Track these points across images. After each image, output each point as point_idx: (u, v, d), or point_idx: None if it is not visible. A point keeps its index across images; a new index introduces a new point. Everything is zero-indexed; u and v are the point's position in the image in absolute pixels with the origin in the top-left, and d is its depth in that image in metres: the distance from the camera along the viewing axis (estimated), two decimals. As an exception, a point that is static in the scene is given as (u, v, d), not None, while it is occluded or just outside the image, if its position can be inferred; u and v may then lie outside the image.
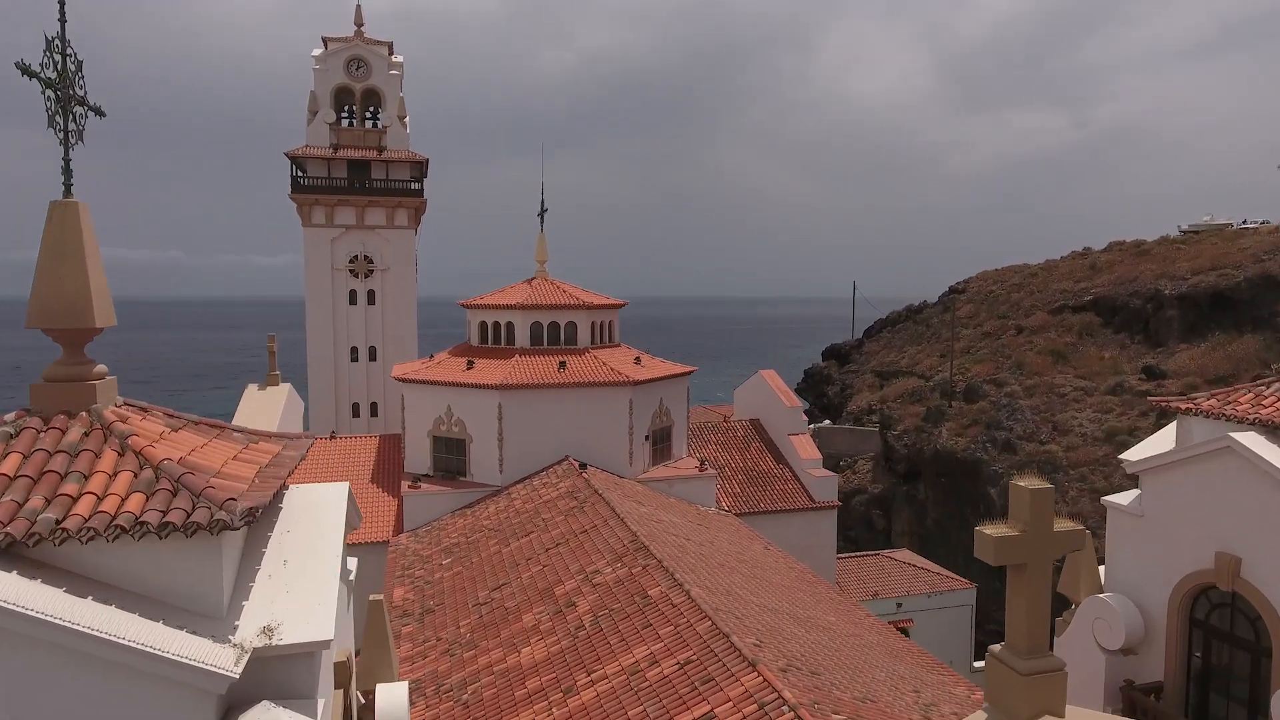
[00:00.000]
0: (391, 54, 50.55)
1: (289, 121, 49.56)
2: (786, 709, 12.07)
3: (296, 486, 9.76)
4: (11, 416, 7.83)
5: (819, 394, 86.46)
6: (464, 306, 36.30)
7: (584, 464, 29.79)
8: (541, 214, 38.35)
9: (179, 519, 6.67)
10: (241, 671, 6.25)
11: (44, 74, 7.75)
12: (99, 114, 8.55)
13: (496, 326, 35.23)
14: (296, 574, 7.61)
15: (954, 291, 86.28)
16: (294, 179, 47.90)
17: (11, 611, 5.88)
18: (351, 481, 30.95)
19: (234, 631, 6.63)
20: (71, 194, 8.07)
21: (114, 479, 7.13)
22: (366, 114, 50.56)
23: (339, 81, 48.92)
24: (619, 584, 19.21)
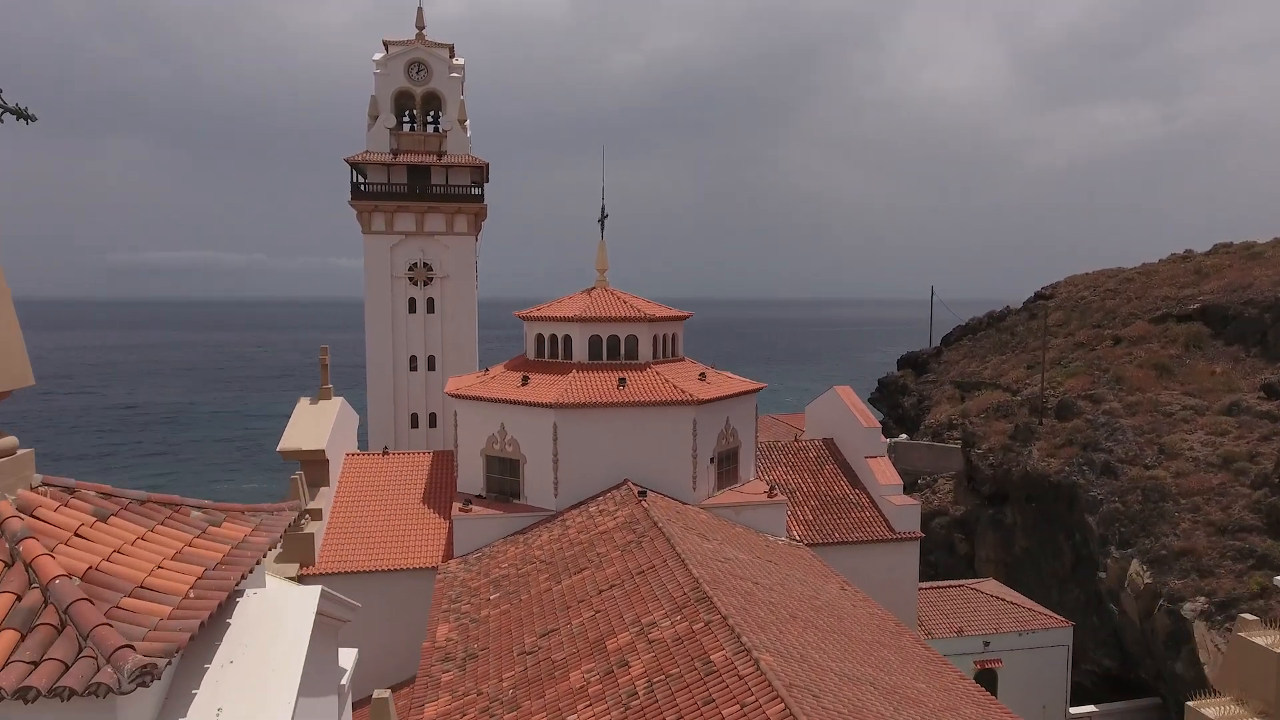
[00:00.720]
0: (453, 56, 49.42)
1: (357, 127, 48.94)
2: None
3: (254, 593, 7.81)
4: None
5: (894, 405, 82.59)
6: (521, 318, 34.62)
7: (644, 490, 27.66)
8: (602, 220, 36.45)
9: (44, 680, 4.77)
10: None
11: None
12: (22, 117, 6.77)
13: (553, 339, 33.42)
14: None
15: (1041, 297, 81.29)
16: (354, 185, 47.16)
17: None
18: (402, 501, 29.47)
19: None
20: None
21: (-16, 606, 5.29)
22: (427, 118, 49.54)
23: (399, 85, 47.99)
24: (678, 642, 17.01)
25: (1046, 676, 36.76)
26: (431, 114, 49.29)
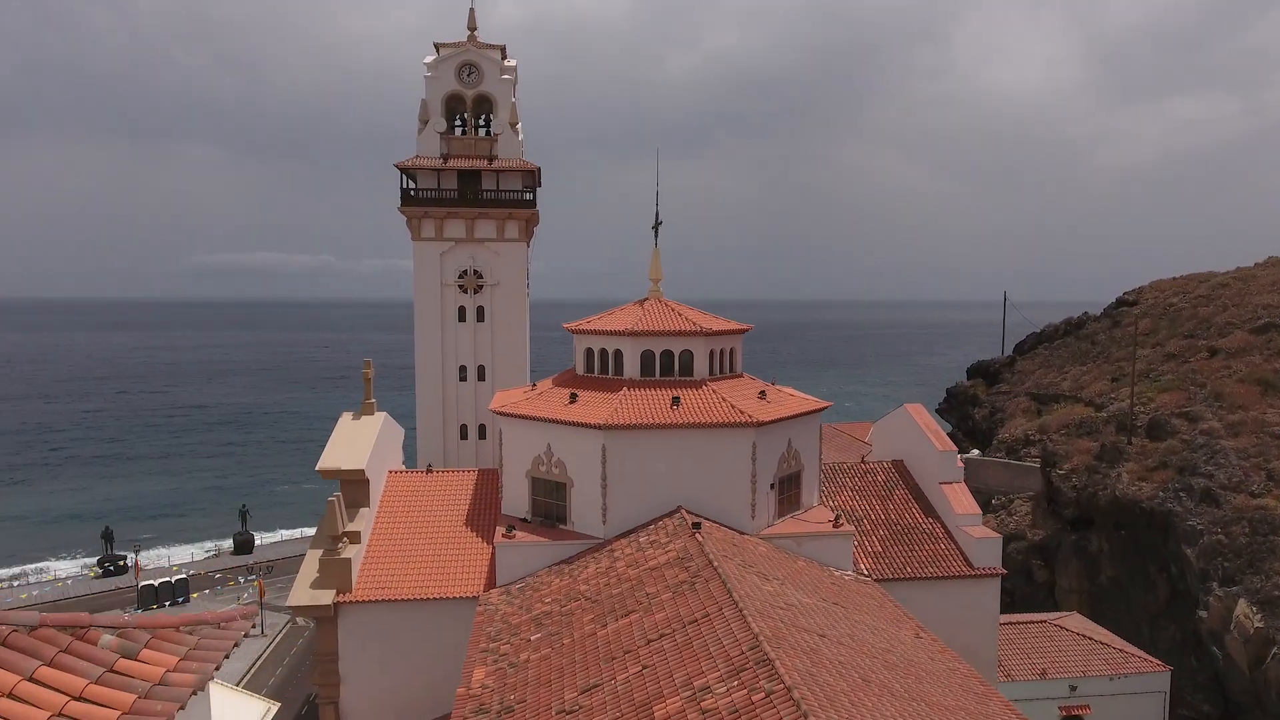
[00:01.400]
0: (504, 58, 48.07)
1: (412, 133, 48.01)
2: None
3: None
4: None
5: (963, 416, 78.75)
6: (570, 331, 32.85)
7: (698, 522, 25.53)
8: (656, 226, 34.46)
9: None
10: None
11: None
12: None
13: (604, 354, 31.55)
14: None
15: (1123, 303, 76.54)
16: (404, 191, 46.14)
17: None
18: (444, 522, 27.86)
19: None
20: None
21: None
22: (478, 122, 48.28)
23: (450, 88, 46.82)
24: (734, 715, 14.90)
25: (1141, 726, 33.56)
26: (483, 117, 48.02)
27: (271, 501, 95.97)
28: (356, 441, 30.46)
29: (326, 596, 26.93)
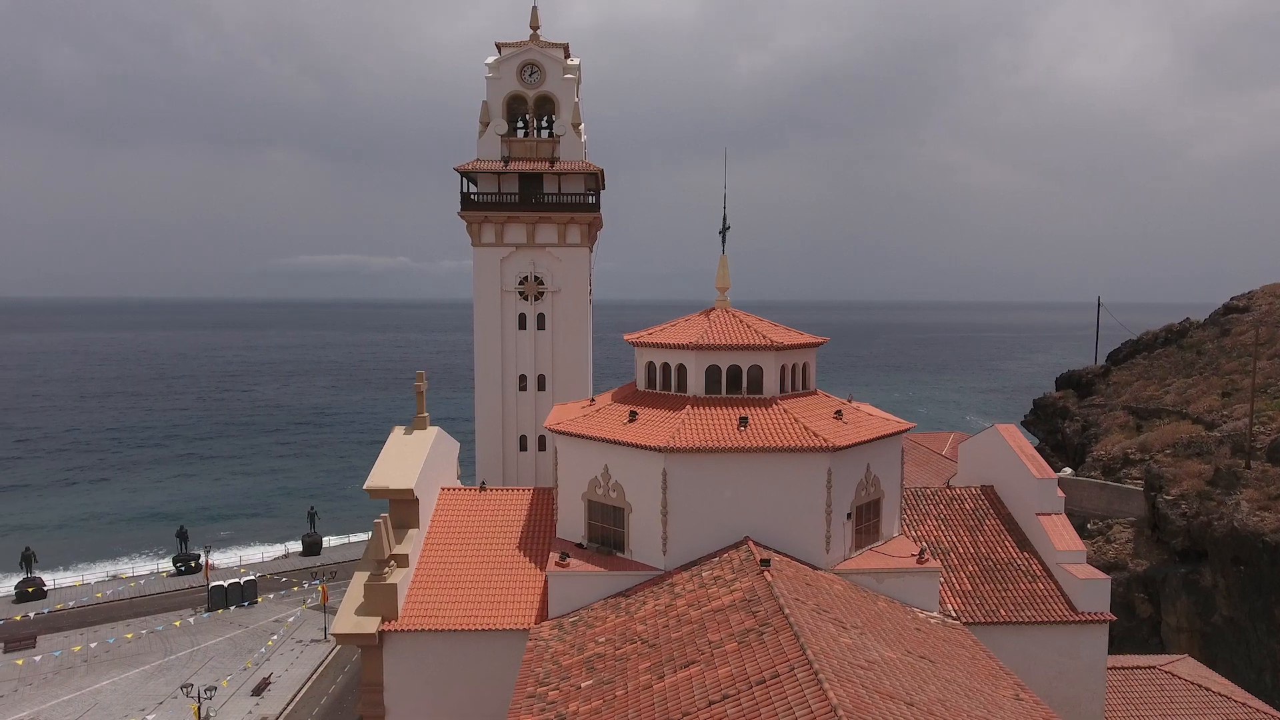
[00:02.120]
0: (567, 57, 46.44)
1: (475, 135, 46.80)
2: None
3: None
4: None
5: (1051, 430, 73.90)
6: (631, 343, 30.87)
7: (766, 559, 23.18)
8: (723, 232, 32.22)
9: None
10: None
11: None
12: None
13: (666, 369, 29.46)
14: None
15: (1232, 310, 70.60)
16: (464, 195, 44.93)
17: None
18: (496, 545, 25.92)
19: None
20: None
21: None
22: (540, 123, 46.77)
23: (512, 89, 45.43)
24: (810, 814, 12.61)
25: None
26: (545, 119, 46.49)
27: (341, 504, 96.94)
28: (406, 459, 29.09)
29: (371, 624, 25.56)
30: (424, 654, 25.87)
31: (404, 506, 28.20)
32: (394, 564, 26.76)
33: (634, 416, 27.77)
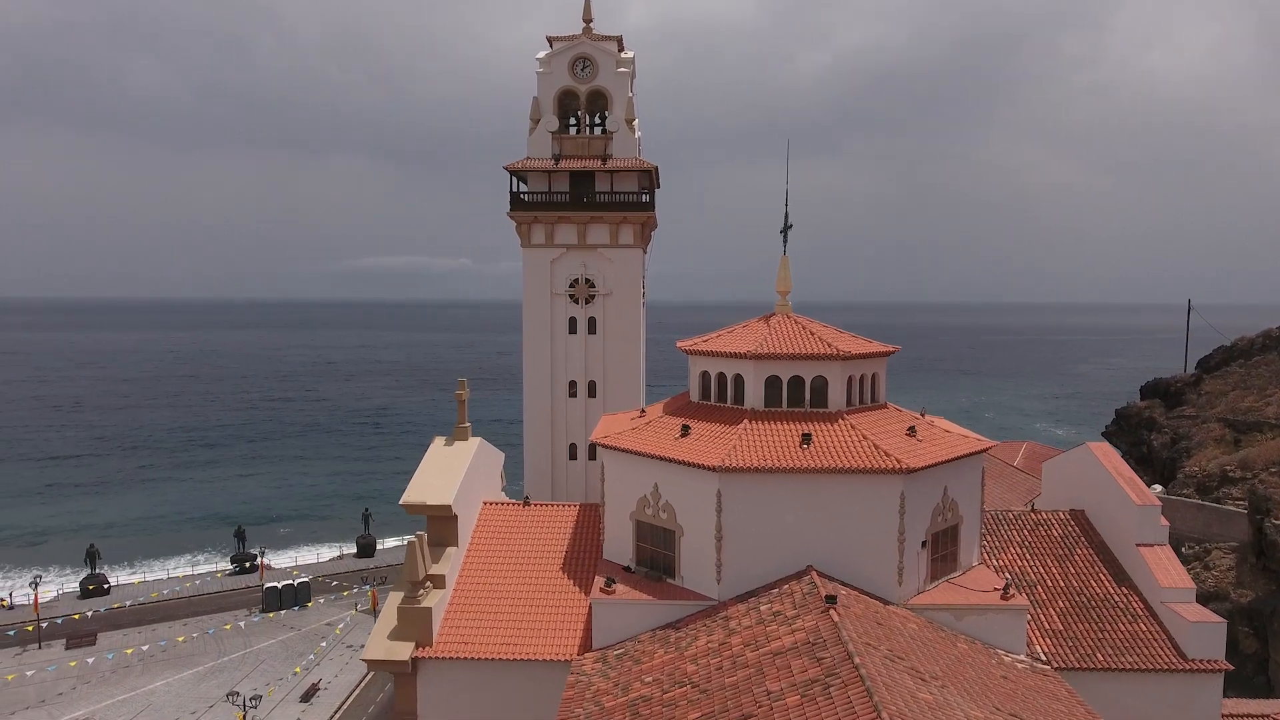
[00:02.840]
0: (621, 50, 44.55)
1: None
2: None
3: None
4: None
5: (1136, 441, 69.17)
6: (684, 351, 28.75)
7: (832, 595, 20.81)
8: (785, 231, 29.87)
9: None
10: None
11: None
12: None
13: (722, 379, 27.26)
14: None
15: (1341, 314, 64.91)
16: (513, 195, 43.40)
17: None
18: (539, 565, 23.89)
19: None
20: None
21: None
22: (594, 120, 44.98)
23: (563, 84, 43.73)
24: None
25: None
26: (597, 114, 44.69)
27: (396, 506, 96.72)
28: (446, 472, 27.55)
29: (404, 650, 24.02)
30: (460, 683, 24.25)
31: (442, 523, 26.67)
32: (429, 585, 25.20)
33: (686, 431, 25.67)
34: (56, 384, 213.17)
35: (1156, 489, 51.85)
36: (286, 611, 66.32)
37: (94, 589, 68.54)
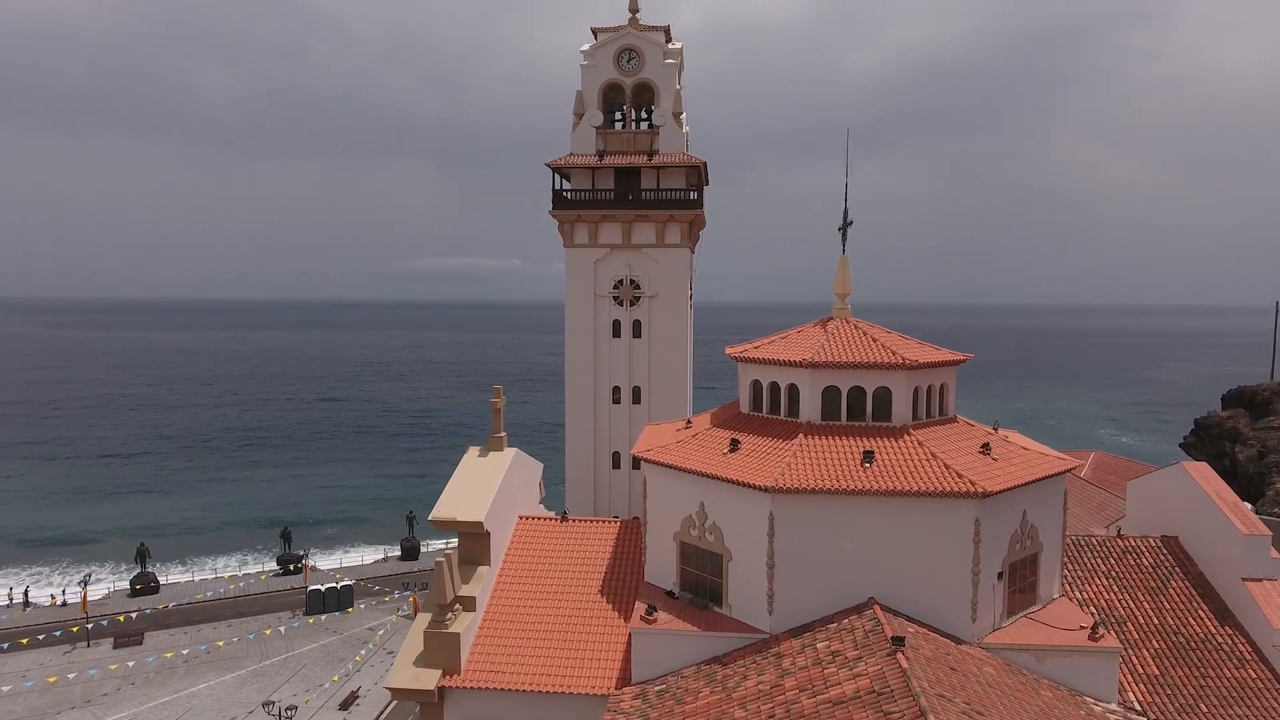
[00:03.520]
0: (669, 40, 42.59)
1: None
2: None
3: None
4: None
5: (1216, 454, 64.84)
6: (734, 359, 26.68)
7: (900, 636, 18.53)
8: (844, 228, 27.58)
9: None
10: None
11: None
12: None
13: (775, 389, 25.12)
14: None
15: None
16: (555, 193, 41.75)
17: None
18: (576, 587, 20.80)
19: None
20: None
21: None
22: (640, 115, 43.11)
23: (608, 77, 41.94)
24: None
25: None
26: (644, 109, 42.80)
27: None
28: (478, 486, 25.90)
29: (430, 679, 22.41)
30: (490, 715, 22.53)
31: (473, 540, 25.05)
32: (459, 608, 23.57)
33: (735, 446, 23.60)
34: (121, 383, 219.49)
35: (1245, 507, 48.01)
36: (329, 615, 65.87)
37: (140, 588, 69.03)
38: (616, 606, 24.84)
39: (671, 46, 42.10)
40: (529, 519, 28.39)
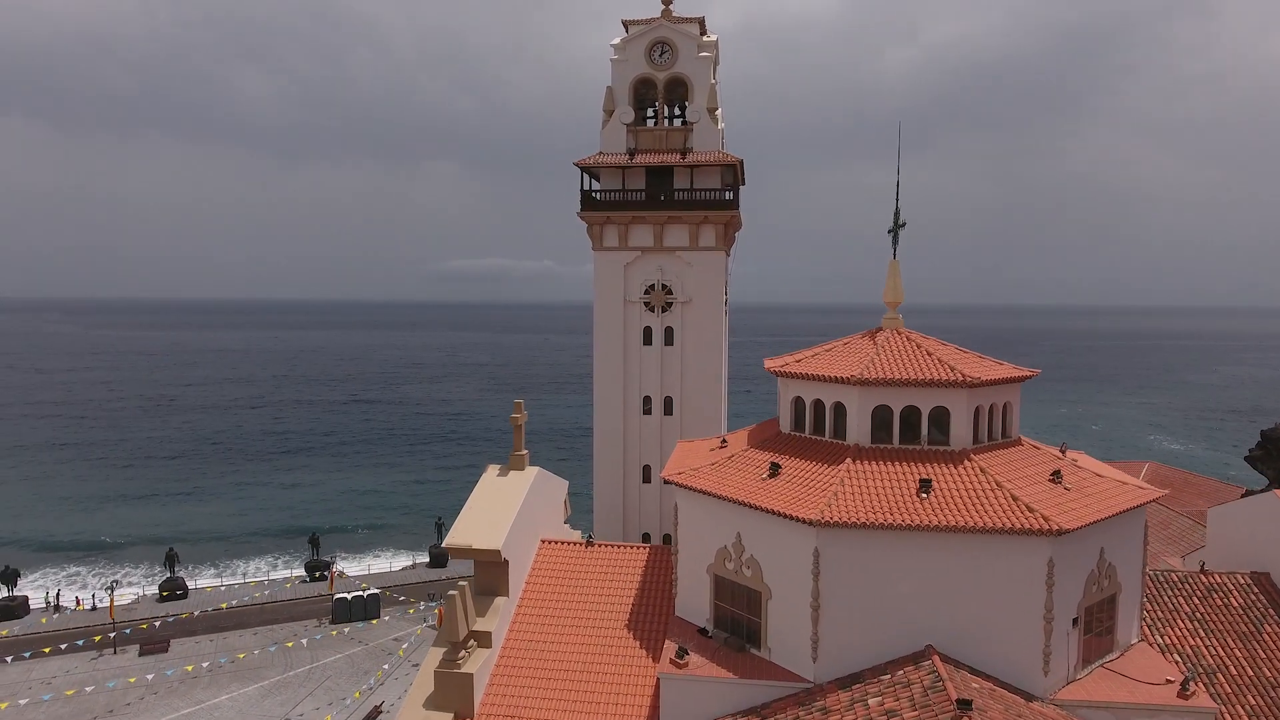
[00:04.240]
0: (703, 33, 40.50)
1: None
2: None
3: None
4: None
5: (1284, 467, 60.93)
6: (774, 373, 24.54)
7: (966, 699, 16.25)
8: (895, 230, 25.29)
9: None
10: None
11: None
12: None
13: (819, 408, 22.95)
14: None
15: None
16: (584, 193, 39.86)
17: None
18: (601, 620, 16.61)
19: None
20: None
21: None
22: (673, 111, 41.06)
23: (639, 72, 39.97)
24: None
25: None
26: (677, 105, 40.75)
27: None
28: (496, 510, 24.07)
29: (443, 722, 20.59)
30: (505, 765, 20.66)
31: (490, 569, 23.21)
32: (474, 644, 21.73)
33: (776, 471, 21.47)
34: (160, 384, 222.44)
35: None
36: (355, 625, 64.76)
37: (166, 595, 68.54)
38: (644, 643, 22.85)
39: (706, 39, 40.01)
40: (552, 543, 26.51)
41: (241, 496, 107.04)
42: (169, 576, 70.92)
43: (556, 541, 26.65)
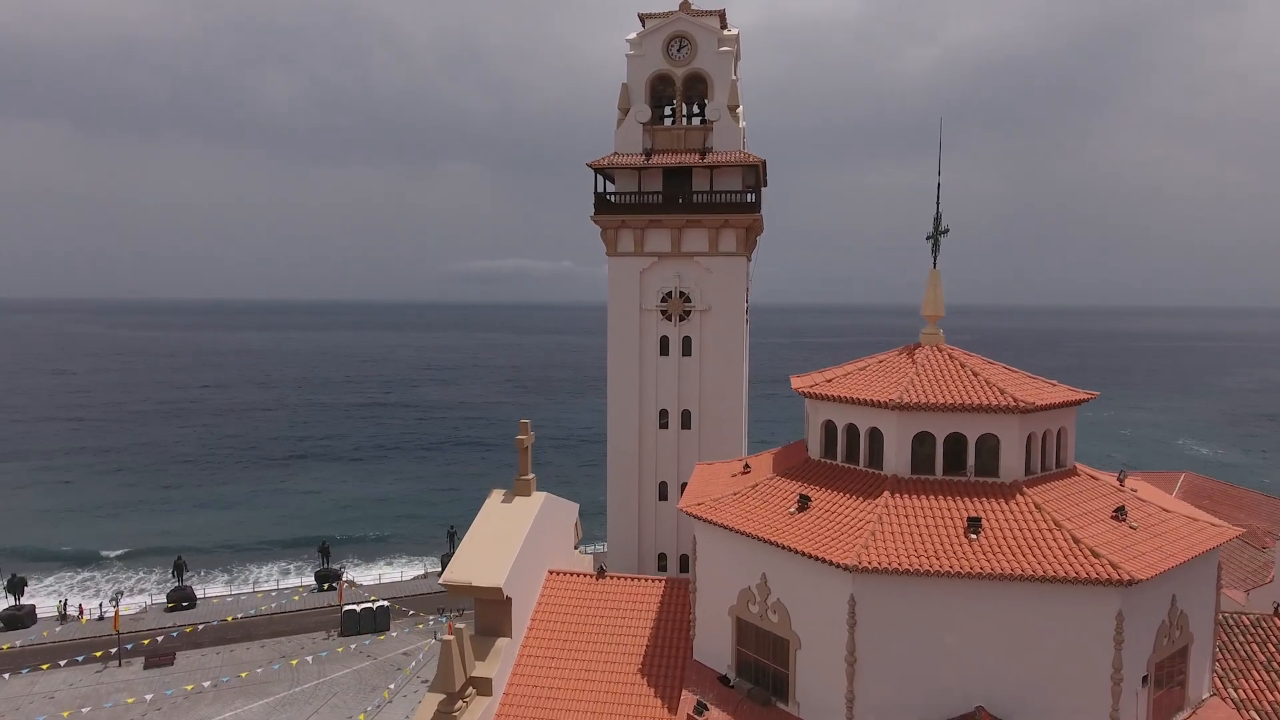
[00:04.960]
0: (724, 26, 38.45)
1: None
2: None
3: None
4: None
5: (1335, 481, 57.95)
6: (802, 394, 22.46)
7: (1030, 780, 14.14)
8: (936, 236, 23.13)
9: None
10: None
11: None
12: None
13: (852, 433, 20.86)
14: None
15: None
16: (598, 196, 37.90)
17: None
18: (612, 663, 15.89)
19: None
20: None
21: None
22: (692, 108, 39.05)
23: (657, 68, 37.98)
24: None
25: None
26: (696, 102, 38.74)
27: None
28: (500, 542, 22.16)
29: (436, 782, 18.68)
30: (505, 828, 18.74)
31: (492, 608, 21.30)
32: (473, 692, 19.82)
33: (805, 504, 19.41)
34: (179, 385, 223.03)
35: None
36: (364, 638, 63.19)
37: (172, 606, 67.31)
38: (659, 690, 20.85)
39: (727, 33, 37.94)
40: (560, 575, 24.58)
41: (254, 502, 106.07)
42: (177, 585, 69.73)
43: (565, 573, 24.71)
